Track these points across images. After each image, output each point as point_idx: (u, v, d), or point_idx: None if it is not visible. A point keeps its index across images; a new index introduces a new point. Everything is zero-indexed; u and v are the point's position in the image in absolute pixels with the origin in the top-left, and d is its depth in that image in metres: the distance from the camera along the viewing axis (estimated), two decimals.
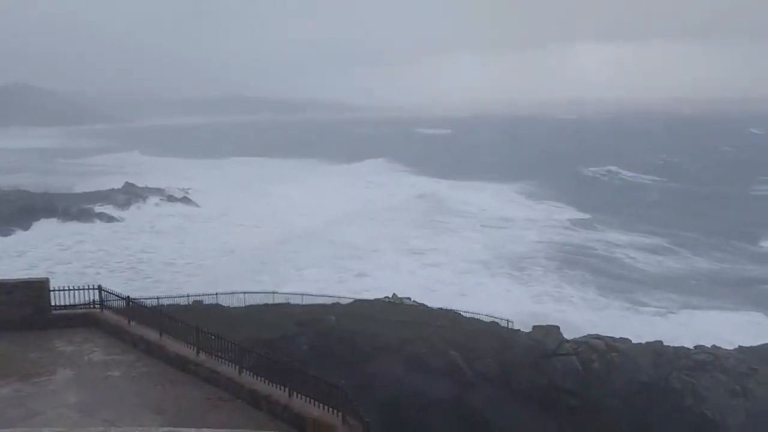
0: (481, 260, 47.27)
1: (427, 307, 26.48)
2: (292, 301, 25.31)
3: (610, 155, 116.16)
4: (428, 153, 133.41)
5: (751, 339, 24.74)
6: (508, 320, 25.72)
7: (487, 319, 25.68)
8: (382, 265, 44.58)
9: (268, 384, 9.51)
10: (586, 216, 63.39)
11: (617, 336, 24.27)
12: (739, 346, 22.93)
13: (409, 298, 28.21)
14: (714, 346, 22.89)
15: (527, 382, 21.54)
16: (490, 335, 23.67)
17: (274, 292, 25.68)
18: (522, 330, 24.41)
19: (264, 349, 11.44)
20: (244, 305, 23.78)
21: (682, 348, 22.73)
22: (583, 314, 35.03)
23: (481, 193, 77.39)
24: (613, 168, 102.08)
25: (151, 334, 11.42)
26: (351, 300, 26.50)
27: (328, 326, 21.91)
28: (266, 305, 23.96)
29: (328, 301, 25.73)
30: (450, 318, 25.04)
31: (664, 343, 22.96)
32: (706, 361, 21.63)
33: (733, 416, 19.23)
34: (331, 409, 8.66)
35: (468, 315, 25.80)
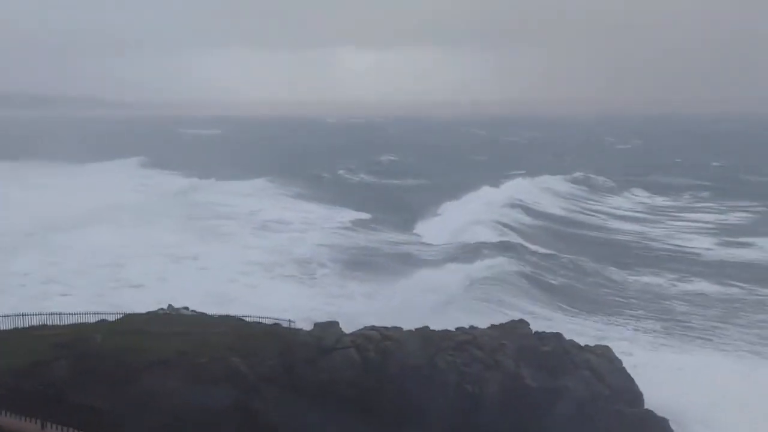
0: (260, 263, 47.00)
1: (206, 315, 25.69)
2: (49, 322, 22.70)
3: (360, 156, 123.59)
4: (192, 154, 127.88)
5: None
6: (290, 320, 26.08)
7: (269, 322, 25.79)
8: (151, 274, 41.78)
9: (18, 417, 8.47)
10: (367, 216, 66.11)
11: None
12: (491, 324, 25.81)
13: (186, 308, 27.04)
14: (472, 327, 25.52)
15: (309, 380, 22.00)
16: (273, 337, 23.74)
17: (22, 314, 22.68)
18: (304, 329, 24.93)
19: (12, 380, 10.14)
20: None
21: (446, 331, 25.00)
22: (363, 308, 36.67)
23: (253, 196, 76.18)
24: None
25: None
26: (120, 315, 24.62)
27: (94, 346, 20.06)
28: (15, 329, 21.18)
29: (93, 318, 23.59)
30: (231, 324, 24.58)
31: (431, 328, 25.07)
32: (465, 340, 24.03)
33: (489, 387, 21.71)
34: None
35: (250, 319, 25.59)
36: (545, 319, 26.52)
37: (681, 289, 39.51)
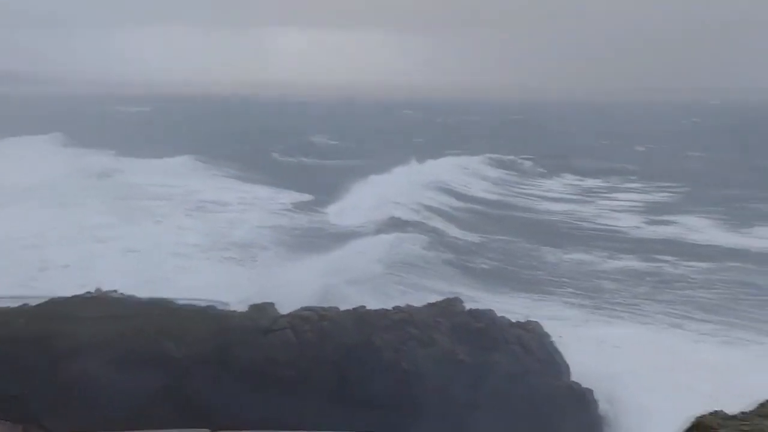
0: (196, 245, 45.89)
1: (136, 298, 24.99)
2: None
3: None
4: (118, 131, 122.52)
5: None
6: (225, 303, 25.77)
7: (203, 304, 25.40)
8: (77, 256, 40.00)
9: None
10: (309, 198, 65.24)
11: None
12: (428, 303, 26.22)
13: (115, 291, 26.25)
14: (408, 305, 25.85)
15: (245, 361, 21.85)
16: (207, 320, 23.43)
17: None
18: (238, 311, 24.66)
19: None
20: None
21: (382, 310, 25.24)
22: (304, 290, 36.30)
23: (186, 176, 73.80)
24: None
25: None
26: (45, 299, 23.65)
27: (15, 331, 19.22)
28: None
29: (15, 303, 22.57)
30: (162, 307, 24.07)
31: (367, 308, 25.26)
32: (402, 319, 24.34)
33: (424, 364, 22.11)
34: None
35: (182, 302, 25.15)
36: (473, 301, 27.16)
37: (610, 266, 41.12)
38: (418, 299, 27.24)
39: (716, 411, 4.77)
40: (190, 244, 45.37)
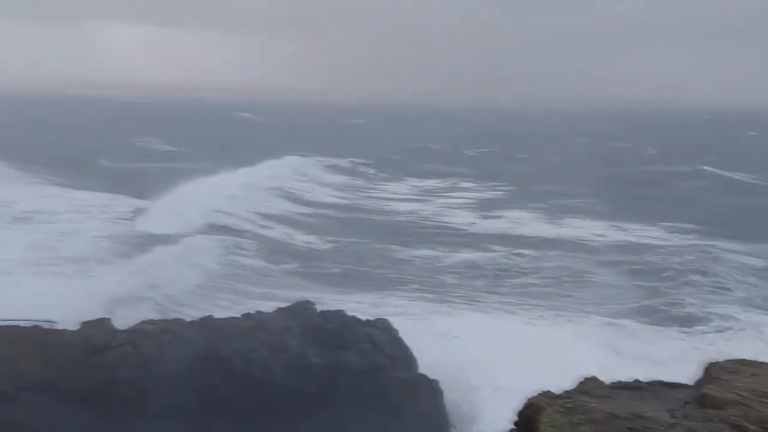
0: (19, 260, 41.44)
1: None
2: None
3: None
4: None
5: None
6: (50, 321, 23.68)
7: (27, 324, 23.17)
8: None
9: None
10: (146, 204, 61.05)
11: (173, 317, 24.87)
12: (278, 308, 25.96)
13: None
14: (258, 312, 25.43)
15: (78, 383, 20.21)
16: (31, 341, 21.37)
17: None
18: (69, 329, 22.73)
19: None
20: None
21: (231, 318, 24.61)
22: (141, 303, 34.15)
23: (6, 184, 66.63)
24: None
25: None
26: None
27: None
28: None
29: None
30: None
31: (215, 317, 24.48)
32: (252, 326, 23.89)
33: (275, 370, 21.89)
34: None
35: (3, 323, 22.74)
36: (323, 304, 27.36)
37: (451, 260, 43.41)
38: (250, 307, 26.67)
39: (544, 392, 5.19)
40: (11, 260, 40.93)
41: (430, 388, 22.18)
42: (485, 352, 25.07)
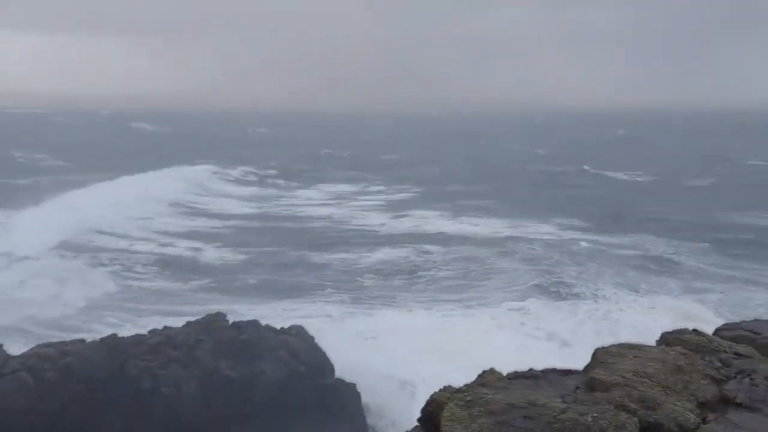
0: None
1: None
2: None
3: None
4: None
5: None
6: None
7: None
8: None
9: None
10: None
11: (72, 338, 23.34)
12: (187, 321, 24.99)
13: None
14: (166, 327, 24.36)
15: None
16: None
17: None
18: None
19: None
20: None
21: (137, 335, 23.46)
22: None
23: None
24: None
25: None
26: None
27: None
28: None
29: None
30: None
31: (120, 335, 23.27)
32: (160, 342, 22.86)
33: (186, 386, 21.04)
34: None
35: None
36: (239, 316, 26.52)
37: (367, 261, 43.48)
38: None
39: (446, 386, 5.18)
40: None
41: (348, 392, 22.04)
42: (403, 351, 25.21)
